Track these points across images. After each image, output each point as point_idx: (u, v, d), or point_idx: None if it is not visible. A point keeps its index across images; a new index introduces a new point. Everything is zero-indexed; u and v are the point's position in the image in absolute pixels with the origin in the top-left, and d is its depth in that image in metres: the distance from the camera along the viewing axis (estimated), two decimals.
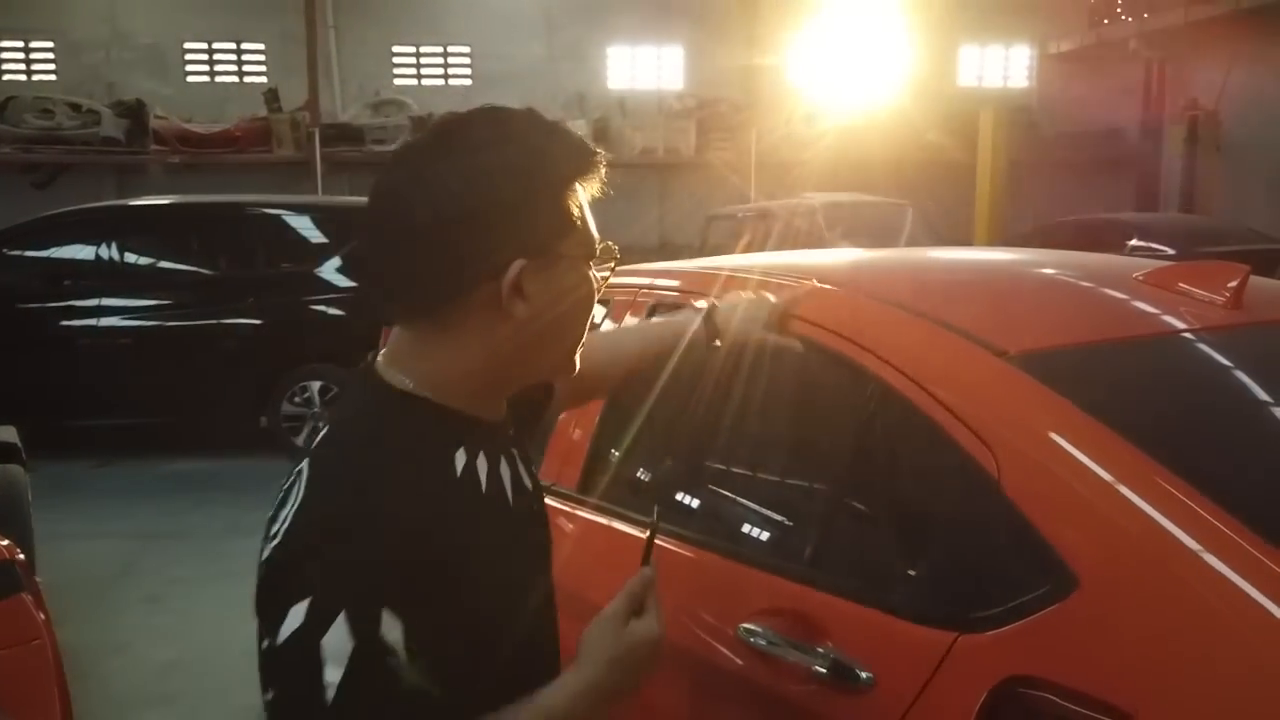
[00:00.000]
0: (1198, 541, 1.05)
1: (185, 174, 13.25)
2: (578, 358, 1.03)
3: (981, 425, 1.24)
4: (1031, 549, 1.12)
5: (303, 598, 0.83)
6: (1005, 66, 15.64)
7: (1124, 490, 1.12)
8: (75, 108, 13.15)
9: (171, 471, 6.41)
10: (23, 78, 14.09)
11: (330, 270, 6.87)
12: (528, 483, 1.06)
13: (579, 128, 13.46)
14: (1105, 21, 14.43)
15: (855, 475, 1.46)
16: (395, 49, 14.64)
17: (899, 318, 1.48)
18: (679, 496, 1.78)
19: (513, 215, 0.91)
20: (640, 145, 13.77)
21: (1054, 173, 15.05)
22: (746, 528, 1.61)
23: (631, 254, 1.59)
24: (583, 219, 0.97)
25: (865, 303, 1.58)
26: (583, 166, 0.97)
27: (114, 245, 6.70)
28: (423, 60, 14.78)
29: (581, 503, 1.91)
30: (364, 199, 0.99)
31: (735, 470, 1.76)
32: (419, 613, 0.85)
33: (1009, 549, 1.17)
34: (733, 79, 14.08)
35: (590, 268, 0.99)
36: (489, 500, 0.97)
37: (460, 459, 0.95)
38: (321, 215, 7.17)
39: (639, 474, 1.90)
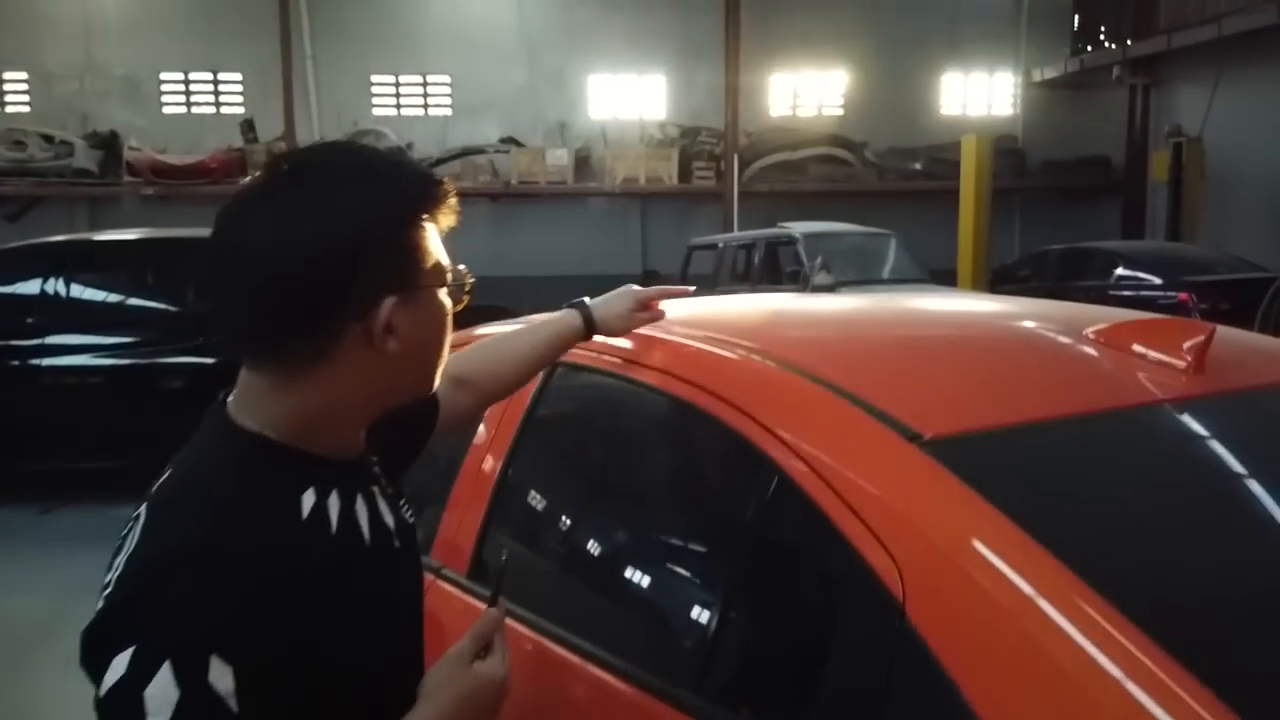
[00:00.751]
0: (1135, 686, 0.82)
1: (159, 206, 13.08)
2: (436, 377, 1.02)
3: (885, 531, 1.02)
4: (934, 689, 0.90)
5: (126, 646, 0.80)
6: (989, 94, 15.56)
7: (1051, 619, 0.90)
8: (48, 139, 13.00)
9: (120, 518, 6.13)
10: None
11: None
12: (389, 520, 1.02)
13: (560, 156, 13.53)
14: (1088, 48, 14.38)
15: (745, 579, 1.23)
16: (374, 78, 14.52)
17: (801, 388, 1.26)
18: (553, 589, 1.55)
19: (375, 253, 0.91)
20: (622, 174, 13.64)
21: (1039, 200, 14.97)
22: (614, 632, 1.37)
23: (617, 283, 1.53)
24: (437, 248, 0.97)
25: (765, 369, 1.36)
26: (434, 197, 0.96)
27: (63, 281, 6.47)
28: (402, 89, 14.65)
29: (469, 590, 1.69)
30: None
31: (613, 565, 1.53)
32: (254, 659, 0.81)
33: (907, 685, 0.94)
34: (715, 107, 13.98)
35: (446, 292, 0.99)
36: (339, 542, 0.94)
37: (308, 500, 0.92)
38: None
39: (527, 561, 1.67)
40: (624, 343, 1.54)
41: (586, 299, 1.48)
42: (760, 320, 1.84)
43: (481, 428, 1.84)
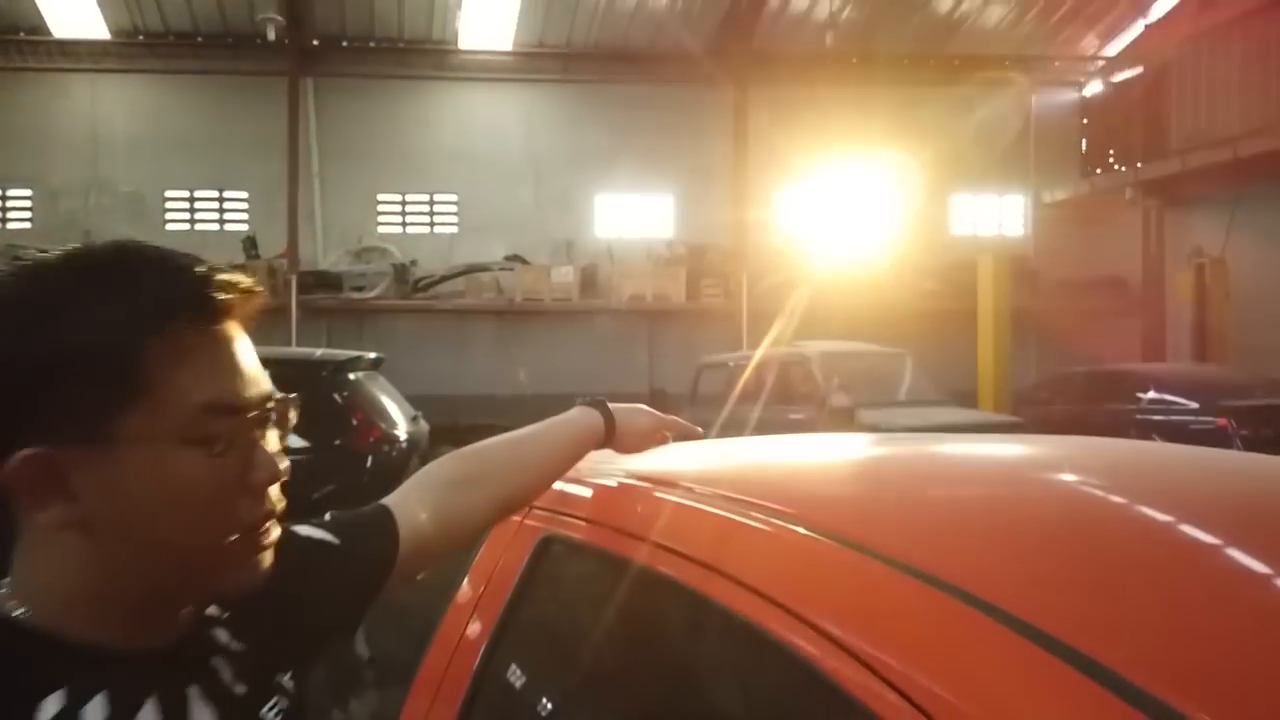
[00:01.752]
0: None
1: None
2: (262, 555, 0.75)
3: None
4: None
5: None
6: (999, 215, 15.46)
7: None
8: None
9: None
10: None
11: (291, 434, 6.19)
12: None
13: (566, 274, 13.32)
14: (1098, 171, 14.33)
15: None
16: (380, 196, 14.49)
17: (917, 596, 0.78)
18: None
19: (30, 390, 0.67)
20: (629, 292, 13.42)
21: (1055, 322, 14.66)
22: None
23: (623, 401, 1.32)
24: (174, 381, 0.69)
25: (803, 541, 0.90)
26: (168, 308, 0.69)
27: None
28: (408, 207, 14.60)
29: None
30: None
31: None
32: None
33: None
34: (724, 227, 13.86)
35: (201, 444, 0.71)
36: None
37: (50, 708, 0.68)
38: (279, 368, 6.53)
39: None
40: (631, 505, 1.19)
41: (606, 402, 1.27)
42: (821, 475, 1.37)
43: (460, 599, 1.41)
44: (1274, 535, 0.88)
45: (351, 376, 6.30)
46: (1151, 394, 9.13)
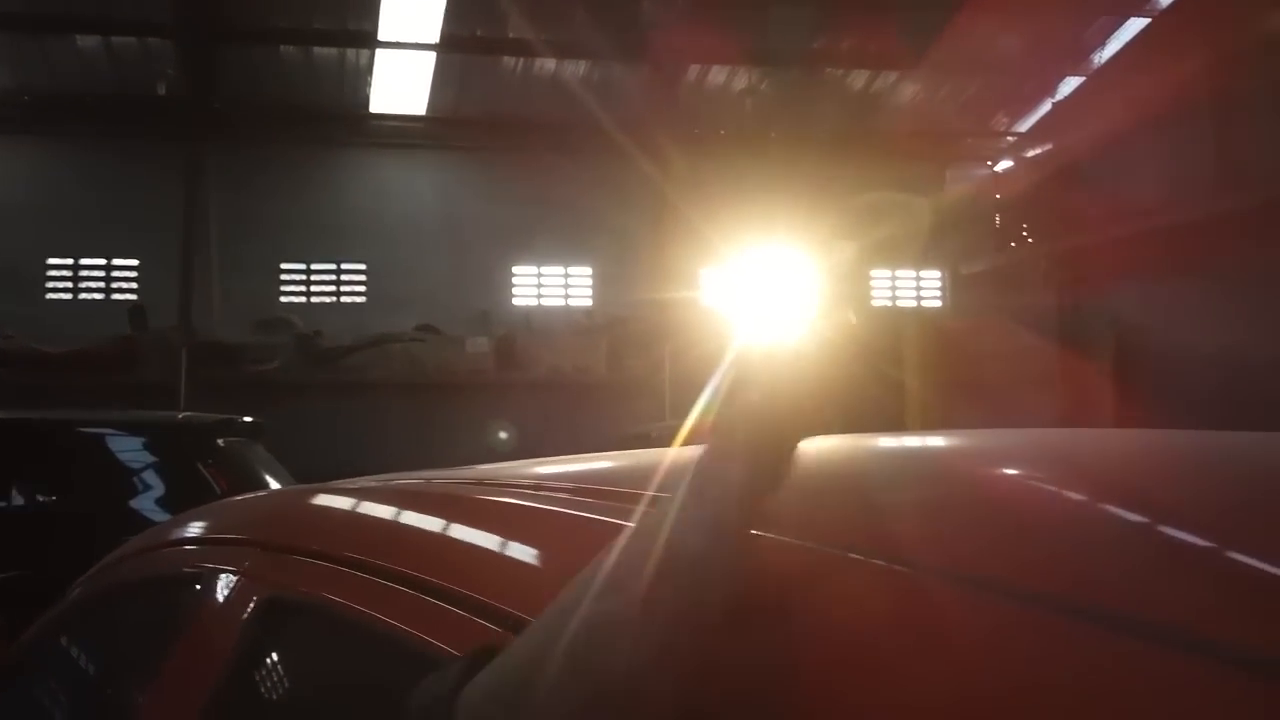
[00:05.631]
0: None
1: (37, 398, 11.75)
2: None
3: None
4: None
5: None
6: (917, 287, 15.52)
7: None
8: None
9: None
10: None
11: (150, 503, 5.46)
12: None
13: (481, 345, 12.75)
14: (1013, 244, 14.52)
15: None
16: (284, 265, 13.75)
17: None
18: None
19: None
20: (548, 363, 12.88)
21: (976, 393, 14.62)
22: None
23: None
24: None
25: None
26: None
27: None
28: (314, 277, 13.89)
29: None
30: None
31: None
32: None
33: None
34: (645, 299, 13.53)
35: None
36: None
37: None
38: (128, 433, 5.80)
39: None
40: None
41: None
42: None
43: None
44: None
45: (220, 443, 5.64)
46: None
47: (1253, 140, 11.32)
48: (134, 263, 13.46)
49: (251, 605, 1.00)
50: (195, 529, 1.32)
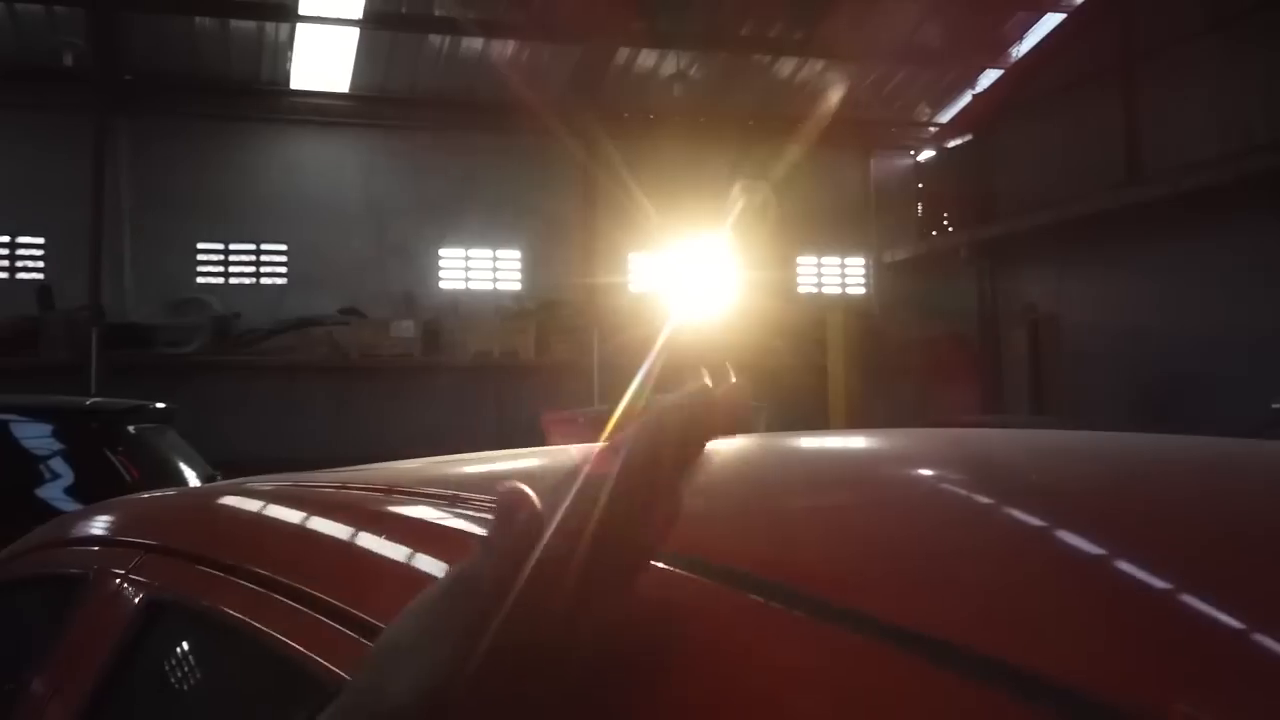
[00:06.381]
0: None
1: None
2: None
3: None
4: None
5: None
6: (843, 275, 15.75)
7: None
8: None
9: None
10: None
11: (58, 492, 5.26)
12: None
13: (407, 328, 12.54)
14: (934, 232, 14.82)
15: None
16: (201, 245, 13.33)
17: None
18: None
19: None
20: (475, 348, 12.74)
21: (899, 379, 14.93)
22: None
23: None
24: None
25: None
26: None
27: None
28: (232, 257, 13.49)
29: None
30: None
31: None
32: None
33: None
34: (574, 283, 13.47)
35: None
36: None
37: None
38: (34, 419, 5.58)
39: None
40: None
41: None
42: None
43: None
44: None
45: (131, 429, 5.47)
46: None
47: (1161, 133, 11.74)
48: (40, 241, 12.91)
49: (133, 607, 0.97)
50: (89, 527, 1.29)
